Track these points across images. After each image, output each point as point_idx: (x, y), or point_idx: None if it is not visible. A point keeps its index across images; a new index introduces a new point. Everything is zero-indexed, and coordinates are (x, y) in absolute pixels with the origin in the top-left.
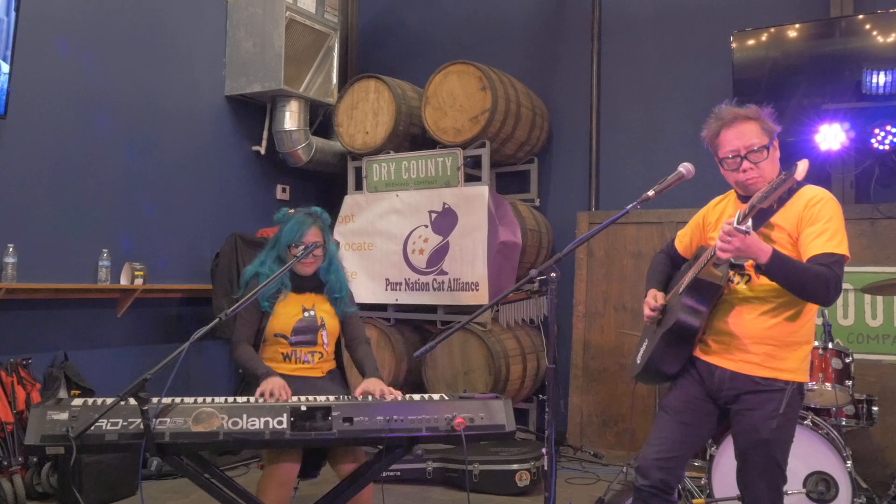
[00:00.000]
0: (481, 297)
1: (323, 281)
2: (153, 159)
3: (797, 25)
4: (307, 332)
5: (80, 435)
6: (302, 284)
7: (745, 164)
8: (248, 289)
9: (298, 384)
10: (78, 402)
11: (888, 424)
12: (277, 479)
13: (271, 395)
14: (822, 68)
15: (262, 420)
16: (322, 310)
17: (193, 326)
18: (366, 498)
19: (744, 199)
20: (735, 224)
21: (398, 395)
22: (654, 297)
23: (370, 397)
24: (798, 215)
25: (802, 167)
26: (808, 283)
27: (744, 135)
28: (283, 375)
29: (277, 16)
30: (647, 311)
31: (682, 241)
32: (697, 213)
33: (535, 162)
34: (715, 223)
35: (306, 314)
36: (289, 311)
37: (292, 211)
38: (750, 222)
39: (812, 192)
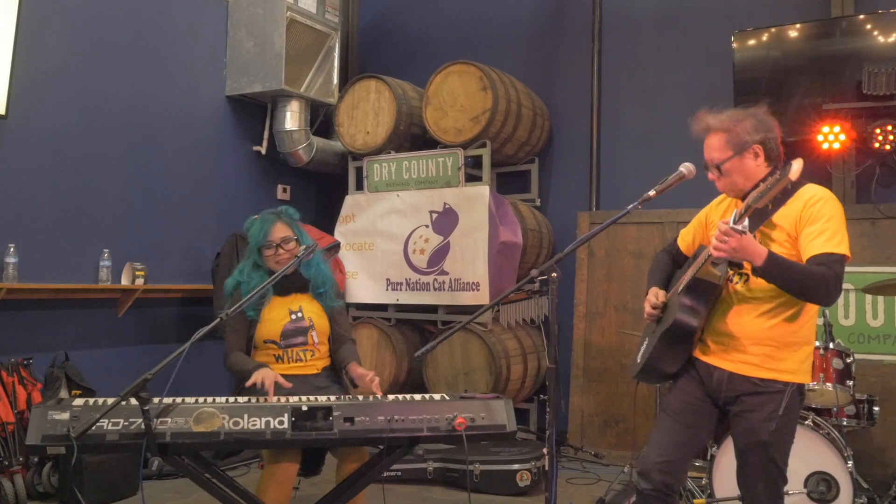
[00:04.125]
0: (482, 297)
1: (305, 277)
2: (154, 159)
3: (798, 25)
4: (297, 335)
5: (80, 435)
6: (285, 286)
7: (710, 175)
8: (234, 298)
9: (295, 383)
10: (79, 401)
11: (889, 424)
12: (277, 478)
13: (257, 383)
14: (823, 68)
15: (264, 420)
16: (309, 310)
17: (194, 326)
18: (360, 497)
19: (744, 198)
20: (731, 224)
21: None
22: (656, 295)
23: (371, 397)
24: (797, 215)
25: (797, 167)
26: (806, 284)
27: (707, 148)
28: None
29: (278, 16)
30: (647, 309)
31: (685, 239)
32: (700, 212)
33: (536, 162)
34: (717, 222)
35: (293, 316)
36: (276, 316)
37: (256, 217)
38: (746, 222)
39: (812, 191)
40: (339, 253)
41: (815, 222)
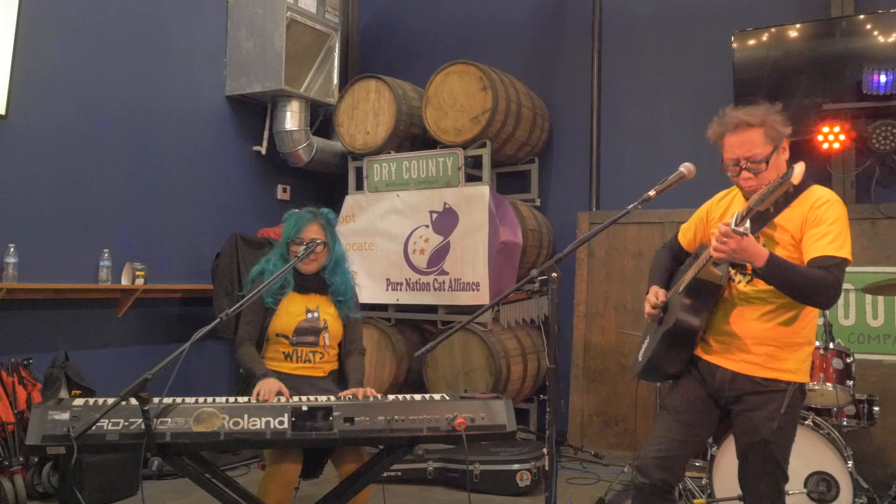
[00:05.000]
0: (482, 297)
1: (327, 282)
2: (154, 159)
3: (798, 25)
4: (309, 334)
5: (81, 435)
6: (305, 284)
7: (745, 174)
8: (254, 286)
9: (299, 383)
10: (79, 402)
11: (889, 424)
12: (280, 479)
13: (258, 395)
14: (823, 68)
15: (264, 420)
16: (326, 312)
17: (194, 326)
18: (363, 497)
19: (749, 196)
20: (733, 225)
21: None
22: (656, 295)
23: (371, 398)
24: (803, 216)
25: (799, 170)
26: (806, 287)
27: (745, 144)
28: (284, 374)
29: (278, 16)
30: (647, 309)
31: (686, 235)
32: (701, 207)
33: (536, 162)
34: (719, 218)
35: (309, 315)
36: (292, 311)
37: (298, 210)
38: (748, 224)
39: (819, 193)
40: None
41: (820, 225)
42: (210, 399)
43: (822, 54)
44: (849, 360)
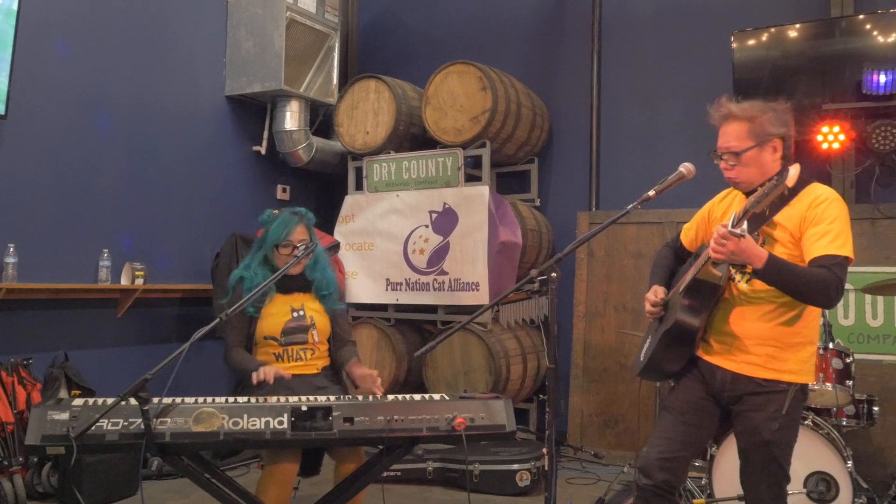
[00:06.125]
0: (482, 297)
1: (309, 279)
2: (153, 159)
3: (797, 25)
4: (297, 333)
5: (80, 435)
6: (288, 284)
7: (722, 163)
8: (235, 292)
9: (294, 383)
10: (78, 402)
11: (888, 424)
12: (277, 478)
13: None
14: (823, 68)
15: (263, 420)
16: (311, 308)
17: (194, 326)
18: (359, 497)
19: (748, 195)
20: (730, 227)
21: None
22: (655, 293)
23: (370, 397)
24: (801, 215)
25: (794, 172)
26: (807, 287)
27: (726, 135)
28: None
29: (278, 16)
30: (647, 307)
31: (688, 234)
32: (703, 207)
33: (536, 162)
34: (720, 218)
35: (295, 314)
36: (278, 313)
37: (276, 212)
38: (745, 225)
39: (818, 191)
40: (339, 253)
41: (820, 223)
42: (209, 399)
43: (822, 54)
44: (848, 360)
